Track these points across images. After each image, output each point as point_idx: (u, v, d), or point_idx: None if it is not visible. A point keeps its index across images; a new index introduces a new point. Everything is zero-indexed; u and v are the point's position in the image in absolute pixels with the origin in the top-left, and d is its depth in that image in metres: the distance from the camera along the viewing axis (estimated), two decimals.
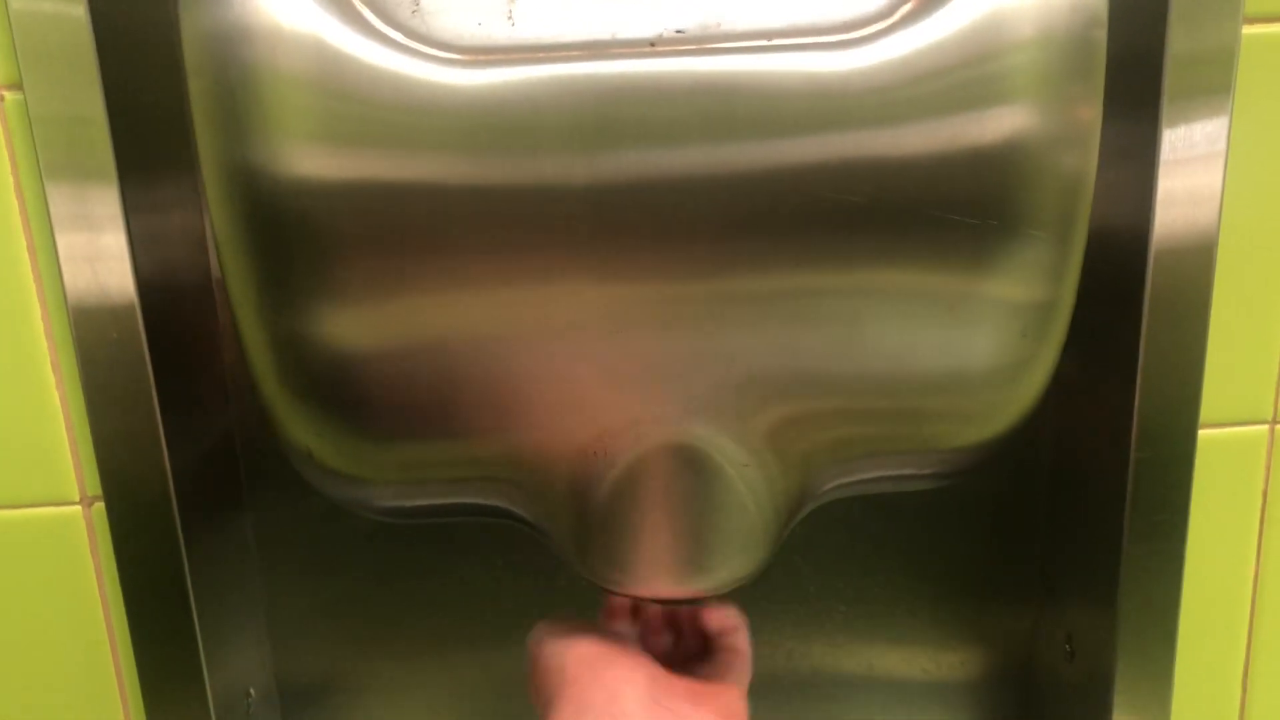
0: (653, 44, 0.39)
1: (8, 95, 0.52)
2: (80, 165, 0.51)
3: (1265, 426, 0.58)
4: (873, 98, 0.39)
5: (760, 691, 0.60)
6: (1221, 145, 0.51)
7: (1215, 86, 0.50)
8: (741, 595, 0.53)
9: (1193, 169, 0.51)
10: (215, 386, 0.61)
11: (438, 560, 0.67)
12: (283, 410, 0.45)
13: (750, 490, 0.45)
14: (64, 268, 0.53)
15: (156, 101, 0.54)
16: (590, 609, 0.54)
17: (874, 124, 0.39)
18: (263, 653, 0.68)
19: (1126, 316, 0.54)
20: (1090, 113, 0.41)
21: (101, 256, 0.53)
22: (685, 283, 0.41)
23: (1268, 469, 0.59)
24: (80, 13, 0.50)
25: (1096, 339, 0.56)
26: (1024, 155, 0.40)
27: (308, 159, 0.40)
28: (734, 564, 0.47)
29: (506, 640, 0.68)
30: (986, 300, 0.42)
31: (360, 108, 0.39)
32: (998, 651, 0.69)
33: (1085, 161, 0.42)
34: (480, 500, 0.48)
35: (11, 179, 0.53)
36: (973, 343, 0.43)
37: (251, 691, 0.66)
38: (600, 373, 0.42)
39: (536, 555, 0.61)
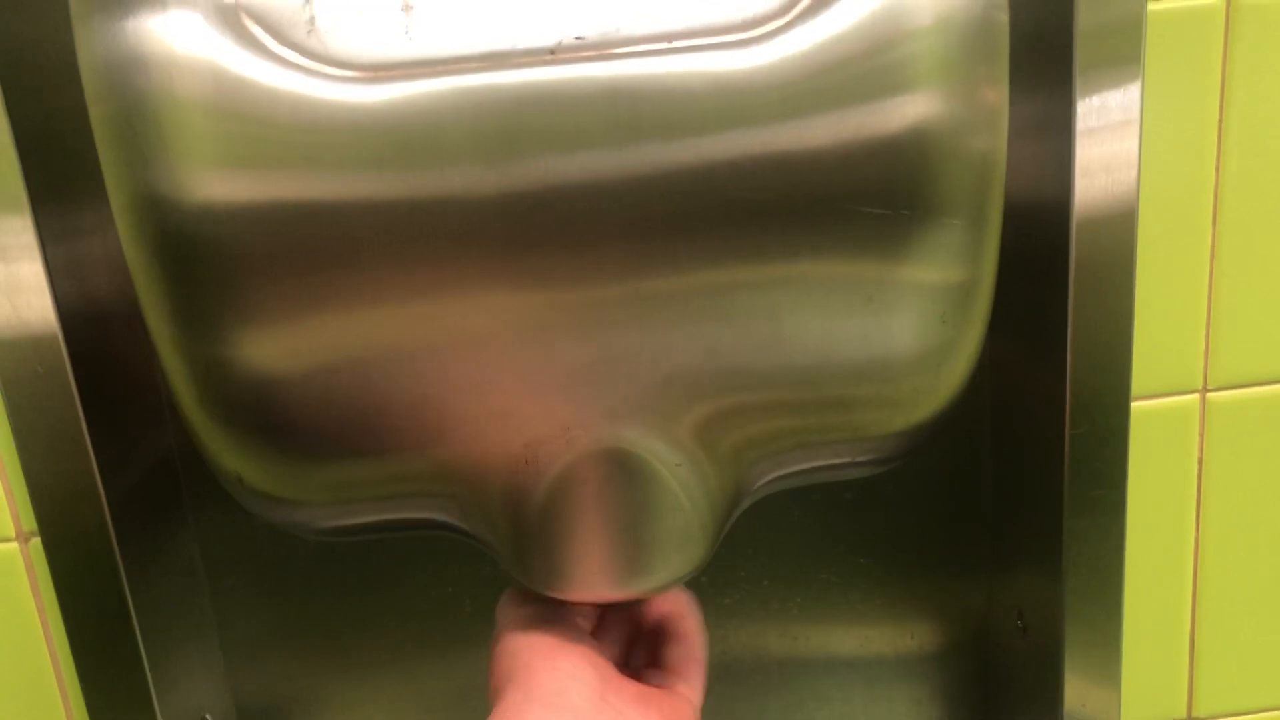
0: (553, 52, 0.38)
1: None
2: None
3: (1196, 395, 0.59)
4: (775, 94, 0.39)
5: (720, 683, 0.60)
6: (1135, 114, 0.51)
7: (1125, 56, 0.50)
8: (695, 592, 0.53)
9: (1108, 138, 0.51)
10: (149, 411, 0.60)
11: (390, 571, 0.66)
12: (207, 436, 0.45)
13: (684, 489, 0.45)
14: None
15: (69, 128, 0.53)
16: None
17: (779, 120, 0.39)
18: (217, 676, 0.67)
19: (1053, 290, 0.54)
20: (996, 94, 0.42)
21: (19, 288, 0.52)
22: (601, 287, 0.41)
23: (1201, 436, 0.60)
24: None
25: (1026, 316, 0.57)
26: (931, 142, 0.40)
27: (211, 184, 0.39)
28: (672, 563, 0.47)
29: (464, 649, 0.68)
30: (904, 287, 0.42)
31: (260, 130, 0.39)
32: (953, 626, 0.70)
33: (994, 143, 0.42)
34: (416, 515, 0.48)
35: None
36: (893, 330, 0.43)
37: (207, 717, 0.65)
38: (524, 382, 0.42)
39: (488, 562, 0.61)
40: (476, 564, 0.66)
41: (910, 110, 0.39)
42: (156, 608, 0.60)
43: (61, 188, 0.53)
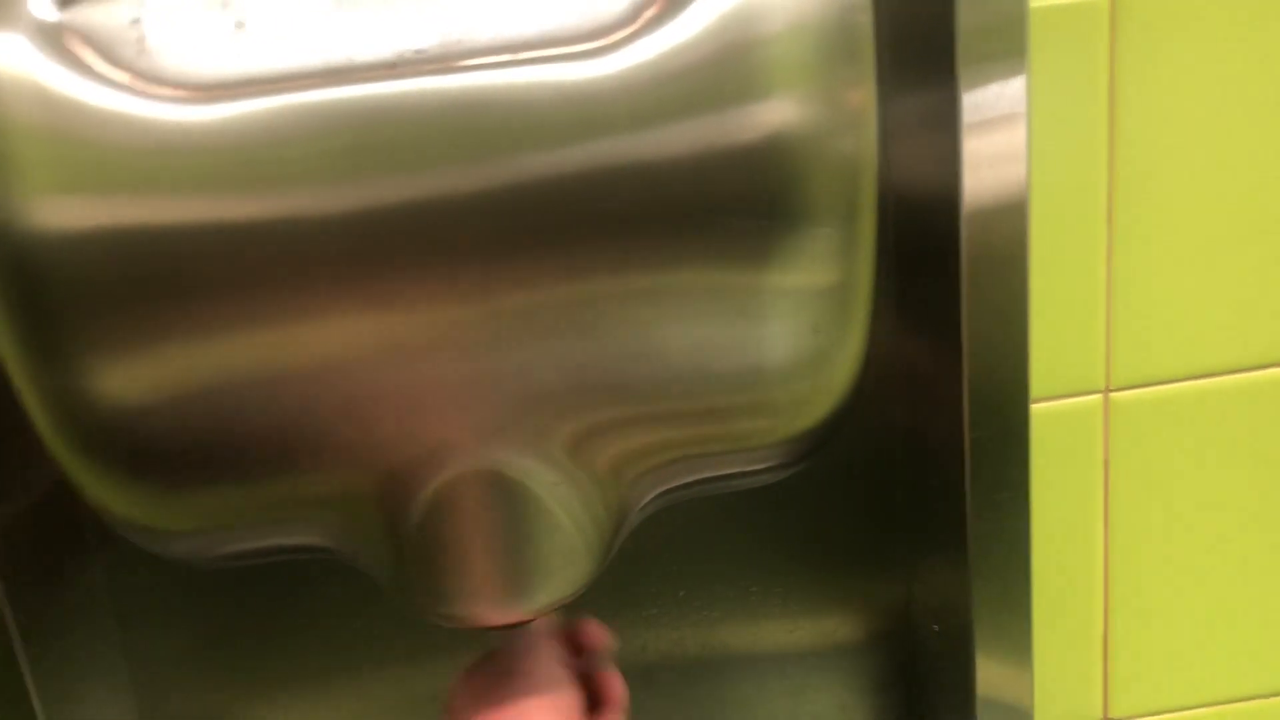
0: (393, 66, 0.37)
1: None
2: None
3: (1099, 395, 0.58)
4: (624, 103, 0.37)
5: (643, 692, 0.59)
6: (1021, 107, 0.50)
7: (1009, 50, 0.50)
8: (616, 597, 0.52)
9: (995, 131, 0.51)
10: (30, 439, 0.58)
11: (305, 583, 0.65)
12: (68, 465, 0.44)
13: (564, 508, 0.44)
14: None
15: None
16: None
17: (629, 130, 0.38)
18: (125, 704, 0.66)
19: (948, 287, 0.53)
20: (859, 96, 0.40)
21: None
22: (458, 305, 0.40)
23: (1106, 437, 0.59)
24: None
25: (924, 314, 0.56)
26: (789, 147, 0.39)
27: (43, 211, 0.38)
28: (556, 583, 0.45)
29: (383, 663, 0.67)
30: (772, 295, 0.41)
31: (92, 153, 0.37)
32: (874, 622, 0.69)
33: (861, 145, 0.41)
34: (295, 541, 0.47)
35: None
36: (764, 339, 0.42)
37: None
38: (385, 404, 0.41)
39: None
40: None
41: (765, 117, 0.38)
42: (51, 639, 0.58)
43: None
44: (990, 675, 0.59)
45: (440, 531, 0.44)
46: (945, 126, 0.51)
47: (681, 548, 0.66)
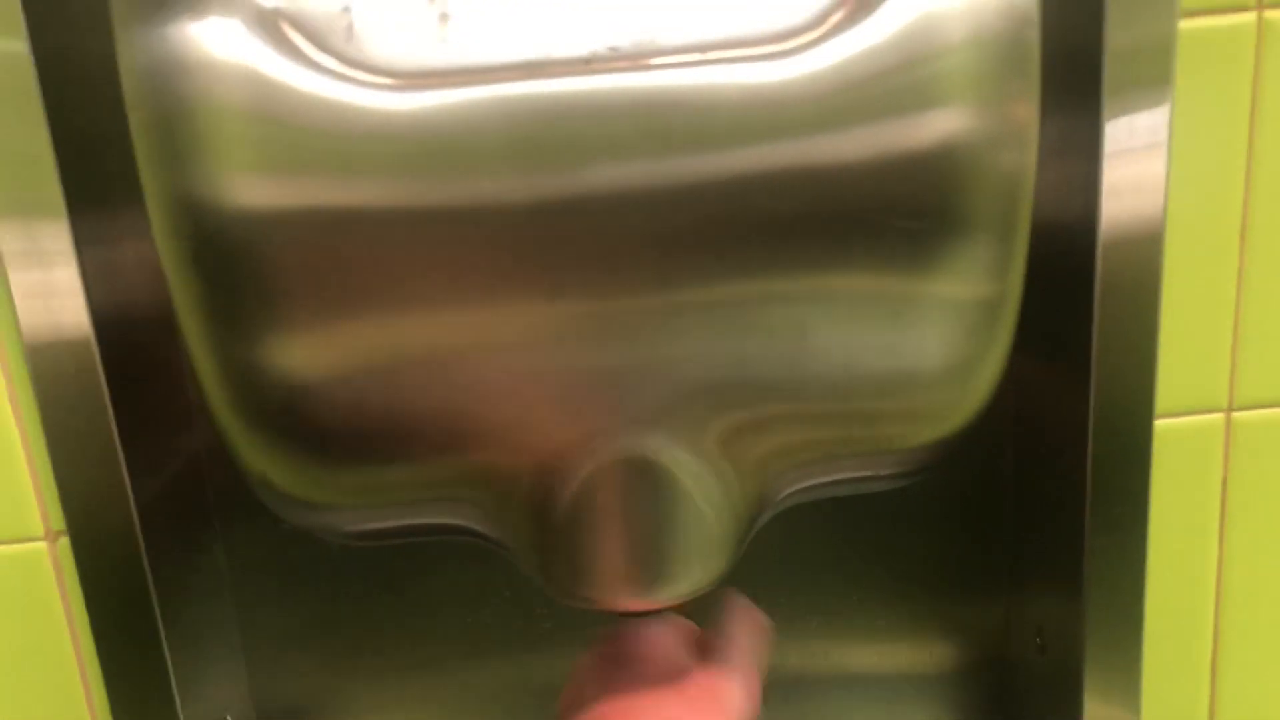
0: (587, 62, 0.39)
1: None
2: (28, 201, 0.51)
3: (1221, 414, 0.59)
4: (808, 107, 0.39)
5: None
6: (1163, 136, 0.51)
7: (1155, 78, 0.51)
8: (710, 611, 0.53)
9: (1136, 160, 0.51)
10: (178, 415, 0.60)
11: (416, 573, 0.67)
12: (238, 439, 0.45)
13: (708, 500, 0.46)
14: (18, 304, 0.53)
15: (105, 133, 0.54)
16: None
17: (810, 133, 0.39)
18: (239, 677, 0.68)
19: (1079, 310, 0.54)
20: (1026, 112, 0.42)
21: (55, 292, 0.53)
22: (630, 297, 0.41)
23: (1226, 456, 0.59)
24: (22, 49, 0.50)
25: (1051, 334, 0.57)
26: (960, 157, 0.40)
27: (247, 189, 0.40)
28: (695, 572, 0.47)
29: (490, 652, 0.69)
30: (930, 302, 0.43)
31: (297, 135, 0.39)
32: (971, 645, 0.70)
33: (1023, 160, 0.42)
34: (440, 520, 0.49)
35: None
36: (919, 345, 0.44)
37: (228, 718, 0.66)
38: (551, 390, 0.43)
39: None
40: (503, 568, 0.66)
41: (941, 125, 0.40)
42: (181, 609, 0.60)
43: (98, 193, 0.54)
44: (1097, 701, 0.60)
45: (588, 516, 0.45)
46: (1086, 153, 0.52)
47: (779, 560, 0.67)
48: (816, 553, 0.68)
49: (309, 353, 0.42)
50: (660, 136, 0.39)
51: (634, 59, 0.39)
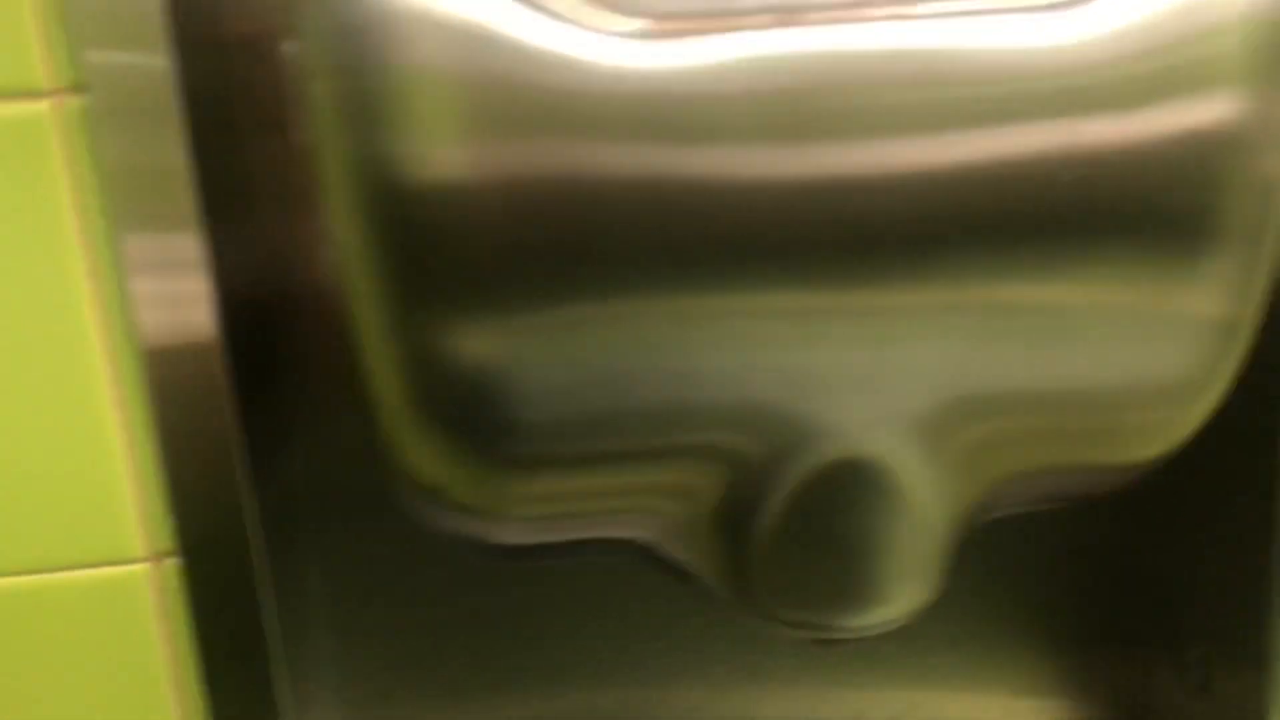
0: (850, 7, 0.35)
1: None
2: (158, 212, 0.47)
3: None
4: (1095, 74, 0.36)
5: None
6: None
7: None
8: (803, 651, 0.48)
9: None
10: (291, 430, 0.56)
11: (538, 591, 0.63)
12: (414, 441, 0.41)
13: (928, 512, 0.42)
14: (142, 312, 0.49)
15: (234, 145, 0.50)
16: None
17: (1092, 105, 0.36)
18: (341, 709, 0.63)
19: None
20: None
21: (181, 300, 0.49)
22: (880, 290, 0.37)
23: None
24: (162, 64, 0.46)
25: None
26: (1231, 147, 0.37)
27: (463, 158, 0.36)
28: (910, 592, 0.43)
29: (589, 685, 0.64)
30: (1181, 311, 0.40)
31: (520, 95, 0.35)
32: (1112, 700, 0.65)
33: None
34: (619, 534, 0.45)
35: (74, 220, 0.48)
36: (1163, 356, 0.40)
37: None
38: (782, 385, 0.39)
39: (632, 597, 0.57)
40: (612, 599, 0.62)
41: (1216, 109, 0.37)
42: (289, 635, 0.56)
43: (228, 199, 0.50)
44: None
45: (801, 523, 0.41)
46: None
47: None
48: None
49: (517, 341, 0.38)
50: (929, 107, 0.35)
51: (903, 3, 0.35)
